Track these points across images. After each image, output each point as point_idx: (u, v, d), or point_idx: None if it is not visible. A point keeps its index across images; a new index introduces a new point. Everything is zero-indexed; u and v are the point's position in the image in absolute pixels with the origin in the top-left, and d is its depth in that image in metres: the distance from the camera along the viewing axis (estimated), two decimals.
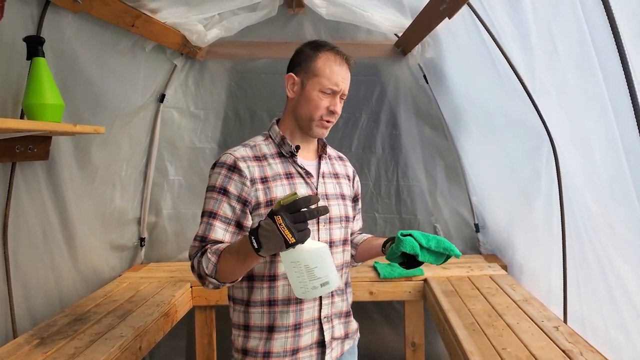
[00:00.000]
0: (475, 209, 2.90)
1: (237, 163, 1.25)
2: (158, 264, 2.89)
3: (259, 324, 1.28)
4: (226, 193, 1.25)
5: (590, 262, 1.74)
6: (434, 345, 2.84)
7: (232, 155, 1.27)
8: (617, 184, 1.46)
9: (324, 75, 1.28)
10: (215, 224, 1.24)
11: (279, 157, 1.32)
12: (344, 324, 1.40)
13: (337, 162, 1.48)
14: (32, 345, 1.70)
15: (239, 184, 1.24)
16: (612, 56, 1.25)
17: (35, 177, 1.91)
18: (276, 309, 1.27)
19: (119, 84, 2.36)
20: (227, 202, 1.24)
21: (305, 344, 1.29)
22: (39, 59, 1.61)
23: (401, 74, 2.90)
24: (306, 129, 1.32)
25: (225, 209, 1.25)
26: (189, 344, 2.92)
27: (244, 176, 1.24)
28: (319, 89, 1.28)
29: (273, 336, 1.27)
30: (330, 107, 1.29)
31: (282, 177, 1.29)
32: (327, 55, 1.30)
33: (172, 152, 2.94)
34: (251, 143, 1.34)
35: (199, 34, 2.49)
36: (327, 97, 1.29)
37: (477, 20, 1.90)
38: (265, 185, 1.26)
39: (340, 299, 1.38)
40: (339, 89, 1.29)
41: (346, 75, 1.32)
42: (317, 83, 1.29)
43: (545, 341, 1.67)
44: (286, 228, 0.98)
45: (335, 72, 1.29)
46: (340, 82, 1.29)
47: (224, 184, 1.25)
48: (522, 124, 2.03)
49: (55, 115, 1.65)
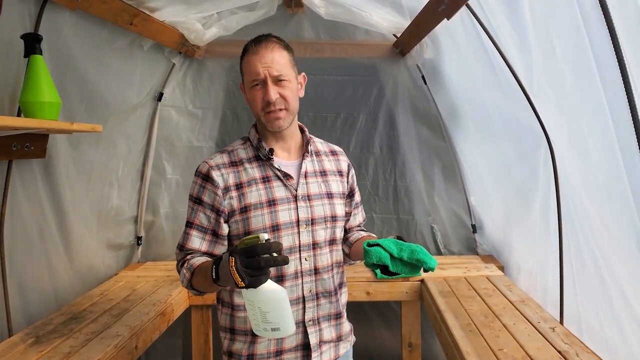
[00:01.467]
0: (473, 210, 2.90)
1: (210, 172, 1.27)
2: (155, 263, 2.88)
3: (243, 327, 1.29)
4: (201, 202, 1.27)
5: (586, 263, 1.74)
6: (431, 346, 2.84)
7: (207, 164, 1.29)
8: (613, 184, 1.46)
9: (246, 72, 1.28)
10: (192, 233, 1.28)
11: (256, 160, 1.31)
12: (335, 326, 1.37)
13: (328, 158, 1.43)
14: (27, 344, 1.69)
15: (211, 193, 1.26)
16: (609, 57, 1.25)
17: (32, 175, 1.91)
18: None
19: (116, 82, 2.36)
20: (202, 211, 1.27)
21: (289, 346, 1.29)
22: (36, 56, 1.60)
23: (399, 74, 2.90)
24: (264, 127, 1.31)
25: (201, 219, 1.28)
26: (185, 343, 2.91)
27: (215, 186, 1.26)
28: (249, 86, 1.27)
29: (256, 340, 1.28)
30: (264, 98, 1.25)
31: (259, 181, 1.28)
32: (246, 51, 1.28)
33: (169, 150, 2.93)
34: (229, 148, 1.35)
35: (197, 32, 2.49)
36: (258, 90, 1.26)
37: (476, 22, 1.90)
38: (240, 191, 1.26)
39: (327, 301, 1.34)
40: (261, 77, 1.24)
41: (268, 58, 1.24)
42: (246, 82, 1.29)
43: (541, 342, 1.67)
44: (236, 271, 0.98)
45: (252, 62, 1.25)
46: (259, 69, 1.23)
47: (199, 193, 1.28)
48: (520, 124, 2.03)
49: (53, 113, 1.64)
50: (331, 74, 2.90)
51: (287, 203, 1.28)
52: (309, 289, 1.30)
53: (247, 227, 1.25)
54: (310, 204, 1.31)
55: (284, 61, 1.27)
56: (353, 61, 2.90)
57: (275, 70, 1.24)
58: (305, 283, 1.30)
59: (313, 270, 1.31)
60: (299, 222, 1.28)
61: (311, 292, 1.31)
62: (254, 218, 1.25)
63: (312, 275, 1.31)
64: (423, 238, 2.96)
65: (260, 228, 1.24)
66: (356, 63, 2.91)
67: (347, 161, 1.48)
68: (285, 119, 1.28)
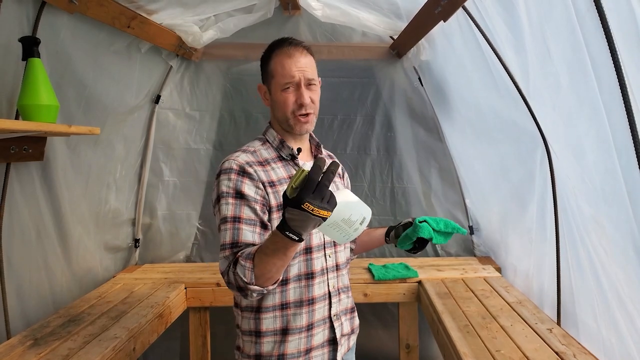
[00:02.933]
0: (470, 211, 2.91)
1: (244, 168, 1.24)
2: (152, 265, 2.88)
3: (272, 328, 1.27)
4: (243, 196, 1.21)
5: (583, 264, 1.75)
6: (428, 347, 2.85)
7: (236, 161, 1.25)
8: (609, 186, 1.47)
9: (278, 74, 1.27)
10: (242, 227, 1.19)
11: (279, 160, 1.32)
12: (350, 320, 1.42)
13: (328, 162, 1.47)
14: (25, 347, 1.69)
15: (252, 186, 1.23)
16: (604, 59, 1.26)
17: (29, 177, 1.91)
18: (289, 312, 1.27)
19: (113, 84, 2.36)
20: (246, 204, 1.21)
21: (317, 343, 1.31)
22: (34, 59, 1.60)
23: (396, 76, 2.91)
24: (290, 129, 1.31)
25: (247, 211, 1.21)
26: (183, 345, 2.91)
27: (254, 179, 1.23)
28: (279, 88, 1.27)
29: (287, 339, 1.27)
30: (297, 101, 1.26)
31: (287, 180, 1.29)
32: (276, 53, 1.29)
33: (167, 153, 2.93)
34: (250, 149, 1.32)
35: (194, 35, 2.49)
36: (290, 92, 1.27)
37: (472, 24, 1.91)
38: (274, 189, 1.25)
39: (345, 295, 1.40)
40: (296, 80, 1.26)
41: (302, 62, 1.27)
42: (276, 84, 1.28)
43: (538, 343, 1.68)
44: (319, 209, 0.94)
45: (286, 65, 1.26)
46: (295, 72, 1.25)
47: (239, 187, 1.22)
48: (516, 126, 2.04)
49: (50, 116, 1.64)
50: (328, 76, 2.88)
51: None
52: (333, 285, 1.34)
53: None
54: None
55: (313, 66, 1.31)
56: (350, 63, 2.91)
57: (309, 74, 1.27)
58: (330, 279, 1.33)
59: (335, 266, 1.36)
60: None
61: (334, 288, 1.35)
62: None
63: (335, 271, 1.35)
64: None
65: None
66: (353, 65, 2.92)
67: (340, 165, 1.51)
68: (312, 123, 1.32)
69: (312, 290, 1.29)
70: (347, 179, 1.56)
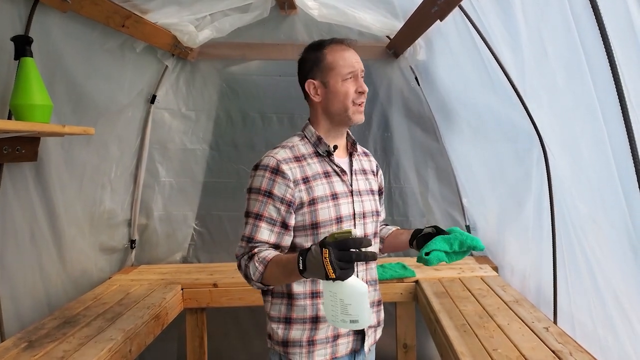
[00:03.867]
0: (466, 211, 2.91)
1: (280, 166, 1.29)
2: (149, 266, 2.86)
3: (302, 316, 1.33)
4: (271, 195, 1.29)
5: (579, 262, 1.75)
6: (426, 347, 2.84)
7: (275, 158, 1.31)
8: (605, 185, 1.47)
9: (339, 65, 1.32)
10: (262, 225, 1.29)
11: (316, 156, 1.37)
12: (377, 312, 1.47)
13: (364, 159, 1.52)
14: (20, 349, 1.68)
15: (282, 186, 1.28)
16: (600, 58, 1.26)
17: (23, 178, 1.89)
18: (319, 301, 1.33)
19: (107, 84, 2.34)
20: (272, 204, 1.29)
21: (344, 331, 1.36)
22: (27, 59, 1.59)
23: (393, 76, 2.90)
24: (345, 120, 1.35)
25: (271, 211, 1.29)
26: (180, 347, 2.90)
27: (287, 178, 1.29)
28: (340, 78, 1.32)
29: (318, 326, 1.33)
30: (358, 89, 1.33)
31: (322, 176, 1.34)
32: (332, 48, 1.35)
33: (163, 153, 2.92)
34: (289, 144, 1.37)
35: (190, 34, 2.48)
36: (350, 82, 1.33)
37: (469, 23, 1.91)
38: (307, 185, 1.31)
39: (373, 288, 1.44)
40: (357, 69, 1.33)
41: (356, 54, 1.36)
42: (337, 74, 1.33)
43: (535, 342, 1.68)
44: (329, 263, 1.01)
45: (346, 57, 1.33)
46: (354, 62, 1.34)
47: (269, 186, 1.29)
48: (513, 125, 2.04)
49: (44, 116, 1.63)
50: None
51: (345, 197, 1.35)
52: (362, 277, 1.39)
53: (315, 219, 1.30)
54: (361, 198, 1.40)
55: None
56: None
57: (362, 66, 1.36)
58: (359, 272, 1.38)
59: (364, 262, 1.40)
60: (355, 215, 1.36)
61: (364, 280, 1.38)
62: (321, 210, 1.30)
63: (365, 264, 1.40)
64: None
65: (326, 220, 1.31)
66: None
67: (376, 162, 1.58)
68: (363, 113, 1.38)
69: None
70: (381, 177, 1.58)
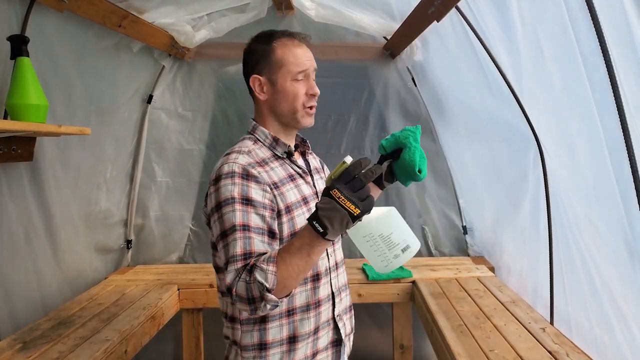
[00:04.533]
0: (463, 211, 2.92)
1: (248, 170, 1.13)
2: (145, 267, 2.86)
3: (279, 338, 1.19)
4: (250, 202, 1.10)
5: (575, 263, 1.75)
6: (423, 347, 2.85)
7: (237, 164, 1.14)
8: (601, 185, 1.47)
9: (289, 62, 1.21)
10: (253, 236, 1.08)
11: (275, 159, 1.23)
12: (350, 318, 1.38)
13: (312, 156, 1.42)
14: (14, 350, 1.67)
15: (259, 190, 1.12)
16: (597, 59, 1.26)
17: (18, 178, 1.88)
18: (295, 318, 1.20)
19: (104, 84, 2.34)
20: (254, 211, 1.10)
21: (322, 346, 1.26)
22: (23, 58, 1.59)
23: (390, 76, 2.91)
24: (293, 123, 1.25)
25: (255, 219, 1.10)
26: (176, 347, 2.89)
27: (261, 182, 1.13)
28: (290, 77, 1.21)
29: (296, 346, 1.19)
30: (309, 91, 1.22)
31: (288, 180, 1.21)
32: (282, 42, 1.23)
33: (159, 153, 2.91)
34: (244, 149, 1.21)
35: (187, 34, 2.48)
36: (301, 82, 1.22)
37: (465, 24, 1.91)
38: (279, 190, 1.17)
39: (345, 294, 1.36)
40: (308, 68, 1.23)
41: (309, 52, 1.25)
42: (286, 73, 1.21)
43: (532, 342, 1.68)
44: (347, 200, 0.89)
45: (297, 54, 1.22)
46: (306, 60, 1.22)
47: (245, 192, 1.11)
48: (509, 126, 2.04)
49: (40, 115, 1.62)
50: (322, 76, 2.82)
51: (313, 200, 1.24)
52: (335, 284, 1.30)
53: (293, 228, 1.17)
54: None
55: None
56: (343, 63, 2.90)
57: (315, 65, 1.25)
58: (332, 278, 1.29)
59: (335, 265, 1.31)
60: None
61: (336, 287, 1.30)
62: (298, 218, 1.18)
63: (336, 270, 1.31)
64: None
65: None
66: (347, 65, 2.91)
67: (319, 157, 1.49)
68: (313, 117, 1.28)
69: (318, 292, 1.23)
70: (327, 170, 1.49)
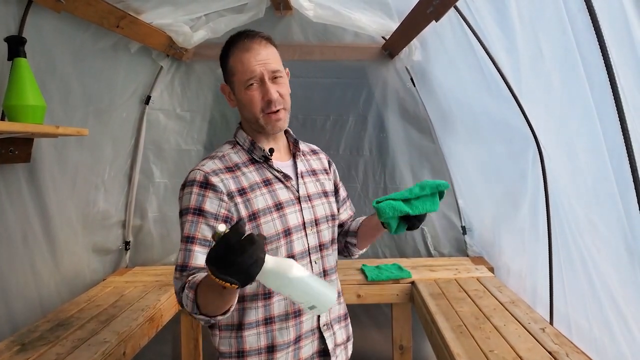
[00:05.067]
0: (462, 212, 2.91)
1: (208, 178, 1.14)
2: (143, 268, 2.85)
3: (256, 346, 1.18)
4: (202, 213, 1.11)
5: (575, 263, 1.75)
6: (422, 348, 2.84)
7: (201, 171, 1.15)
8: (601, 186, 1.47)
9: (238, 71, 1.17)
10: (195, 249, 1.10)
11: (252, 164, 1.22)
12: (344, 327, 1.34)
13: (312, 157, 1.38)
14: (12, 352, 1.66)
15: (215, 200, 1.13)
16: (596, 59, 1.26)
17: (16, 179, 1.87)
18: (274, 327, 1.18)
19: (101, 84, 2.33)
20: (204, 222, 1.11)
21: (306, 355, 1.22)
22: (20, 59, 1.58)
23: (388, 76, 2.90)
24: (262, 129, 1.21)
25: (204, 231, 1.11)
26: (175, 349, 2.88)
27: (219, 191, 1.13)
28: (242, 86, 1.17)
29: (275, 356, 1.18)
30: (264, 98, 1.16)
31: (261, 185, 1.19)
32: (234, 49, 1.19)
33: (157, 154, 2.91)
34: (219, 154, 1.23)
35: (185, 35, 2.47)
36: (254, 89, 1.16)
37: (464, 24, 1.91)
38: (245, 197, 1.15)
39: (336, 302, 1.29)
40: (258, 74, 1.15)
41: (263, 54, 1.16)
42: (238, 82, 1.18)
43: (531, 343, 1.68)
44: (221, 280, 0.84)
45: (245, 60, 1.16)
46: (255, 66, 1.15)
47: (198, 203, 1.12)
48: (508, 126, 2.04)
49: (37, 116, 1.61)
50: (320, 76, 2.89)
51: (292, 205, 1.21)
52: None
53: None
54: (311, 204, 1.26)
55: (277, 57, 1.21)
56: (342, 64, 2.90)
57: (272, 66, 1.17)
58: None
59: (322, 273, 1.26)
60: (305, 224, 1.22)
61: None
62: (265, 224, 1.15)
63: (322, 278, 1.26)
64: (413, 240, 2.96)
65: (272, 234, 1.15)
66: (345, 65, 2.91)
67: (327, 157, 1.45)
68: (285, 119, 1.22)
69: None
70: (335, 171, 1.45)
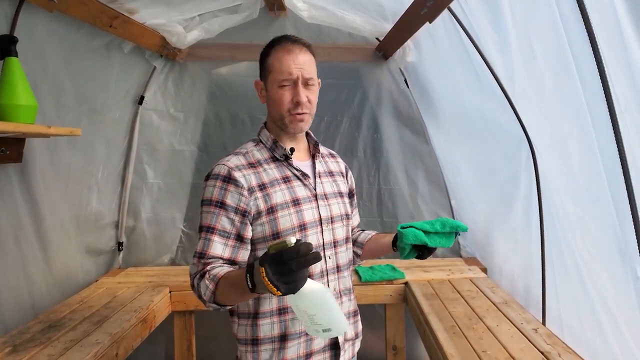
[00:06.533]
0: (456, 212, 2.92)
1: (231, 173, 1.21)
2: (136, 269, 2.83)
3: (270, 335, 1.24)
4: (223, 206, 1.20)
5: (567, 264, 1.76)
6: (415, 349, 2.85)
7: (226, 166, 1.23)
8: (593, 186, 1.48)
9: (275, 70, 1.24)
10: (214, 238, 1.19)
11: (273, 161, 1.29)
12: (354, 324, 1.39)
13: (330, 160, 1.46)
14: (3, 353, 1.64)
15: (235, 194, 1.20)
16: (588, 60, 1.27)
17: (7, 180, 1.86)
18: (287, 317, 1.24)
19: (92, 84, 2.31)
20: (224, 215, 1.20)
21: (318, 348, 1.27)
22: (12, 58, 1.57)
23: (382, 77, 2.91)
24: (284, 128, 1.28)
25: (224, 223, 1.20)
26: (168, 350, 2.87)
27: (240, 186, 1.21)
28: (276, 85, 1.24)
29: (286, 345, 1.23)
30: (294, 99, 1.23)
31: (280, 181, 1.26)
32: (276, 48, 1.25)
33: (151, 154, 2.89)
34: (243, 150, 1.30)
35: (178, 35, 2.46)
36: (286, 89, 1.23)
37: (458, 25, 1.92)
38: (264, 192, 1.23)
39: (347, 298, 1.36)
40: (293, 77, 1.22)
41: (301, 59, 1.24)
42: (273, 80, 1.25)
43: (524, 343, 1.68)
44: (270, 283, 0.90)
45: (284, 61, 1.22)
46: (293, 69, 1.22)
47: (220, 196, 1.20)
48: (501, 127, 2.05)
49: (29, 116, 1.60)
50: None
51: (309, 202, 1.27)
52: (334, 288, 1.30)
53: (275, 228, 1.22)
54: (327, 202, 1.32)
55: (313, 65, 1.28)
56: (336, 65, 2.90)
57: (307, 73, 1.23)
58: (330, 281, 1.29)
59: (335, 268, 1.31)
60: (321, 221, 1.29)
61: (335, 291, 1.30)
62: (282, 218, 1.22)
63: (335, 273, 1.31)
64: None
65: (288, 228, 1.22)
66: (339, 67, 2.91)
67: (344, 163, 1.52)
68: (307, 123, 1.29)
69: None
70: (351, 178, 1.52)
